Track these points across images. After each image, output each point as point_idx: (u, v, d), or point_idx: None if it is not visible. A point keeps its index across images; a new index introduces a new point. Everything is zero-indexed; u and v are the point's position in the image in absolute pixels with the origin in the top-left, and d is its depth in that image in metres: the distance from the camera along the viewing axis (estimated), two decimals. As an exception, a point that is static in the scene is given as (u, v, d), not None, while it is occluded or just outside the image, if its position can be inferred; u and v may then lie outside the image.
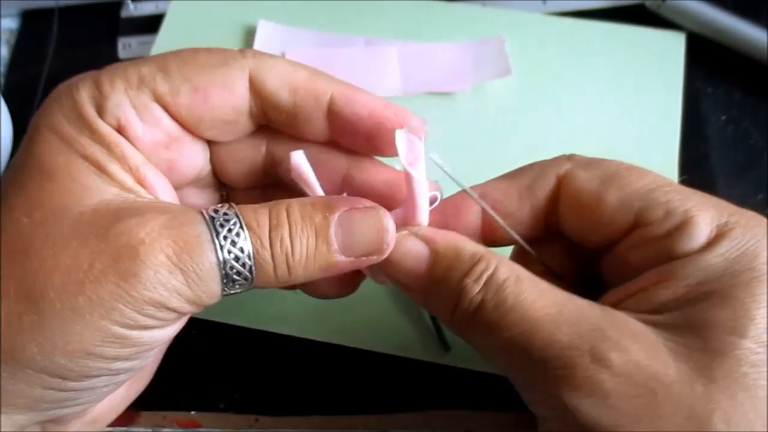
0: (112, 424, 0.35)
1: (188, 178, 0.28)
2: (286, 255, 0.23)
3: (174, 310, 0.22)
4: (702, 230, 0.24)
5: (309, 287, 0.28)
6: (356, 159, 0.28)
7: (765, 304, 0.22)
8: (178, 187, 0.27)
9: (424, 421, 0.36)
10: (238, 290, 0.23)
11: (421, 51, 0.47)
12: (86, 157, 0.23)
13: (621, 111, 0.44)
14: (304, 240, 0.24)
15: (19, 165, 0.24)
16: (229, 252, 0.22)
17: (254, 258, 0.23)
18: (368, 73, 0.46)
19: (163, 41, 0.48)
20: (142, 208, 0.23)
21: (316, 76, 0.27)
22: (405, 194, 0.27)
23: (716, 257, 0.23)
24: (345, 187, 0.28)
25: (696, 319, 0.22)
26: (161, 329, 0.23)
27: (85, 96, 0.24)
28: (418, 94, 0.45)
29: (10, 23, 0.53)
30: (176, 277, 0.22)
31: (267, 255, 0.23)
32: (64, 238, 0.22)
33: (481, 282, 0.24)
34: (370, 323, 0.38)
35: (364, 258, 0.25)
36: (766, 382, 0.21)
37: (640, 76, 0.45)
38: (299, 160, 0.26)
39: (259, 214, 0.23)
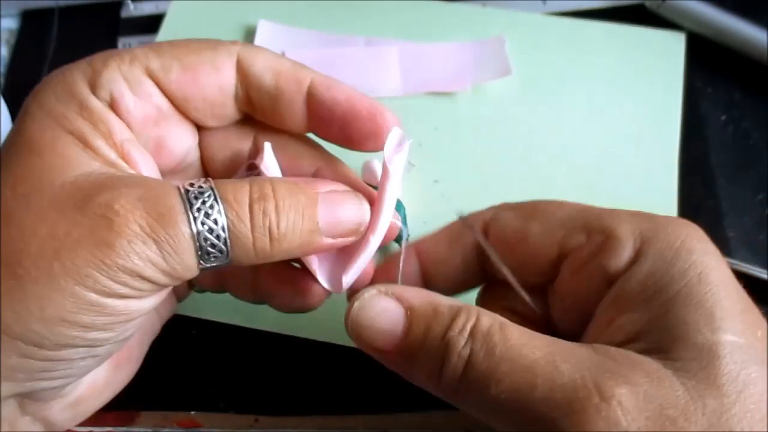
0: (112, 424, 0.35)
1: (177, 158, 0.28)
2: (270, 228, 0.23)
3: (149, 280, 0.23)
4: (626, 242, 0.24)
5: (279, 299, 0.29)
6: (329, 160, 0.29)
7: (724, 295, 0.22)
8: (166, 170, 0.28)
9: (424, 421, 0.36)
10: (215, 263, 0.23)
11: (421, 51, 0.47)
12: (72, 132, 0.24)
13: (621, 111, 0.44)
14: (291, 214, 0.24)
15: (8, 143, 0.24)
16: (203, 224, 0.22)
17: (229, 230, 0.23)
18: (368, 73, 0.46)
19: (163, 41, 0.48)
20: (120, 181, 0.23)
21: (298, 65, 0.27)
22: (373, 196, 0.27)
23: (652, 264, 0.23)
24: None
25: (674, 332, 0.22)
26: (138, 300, 0.23)
27: (77, 75, 0.25)
28: (419, 94, 0.45)
29: (10, 23, 0.53)
30: (150, 248, 0.22)
31: (244, 228, 0.23)
32: (43, 208, 0.22)
33: (466, 333, 0.23)
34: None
35: (340, 239, 0.25)
36: (755, 369, 0.21)
37: (640, 76, 0.45)
38: (267, 151, 0.27)
39: (237, 187, 0.24)
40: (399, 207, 0.37)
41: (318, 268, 0.27)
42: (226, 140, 0.29)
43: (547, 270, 0.26)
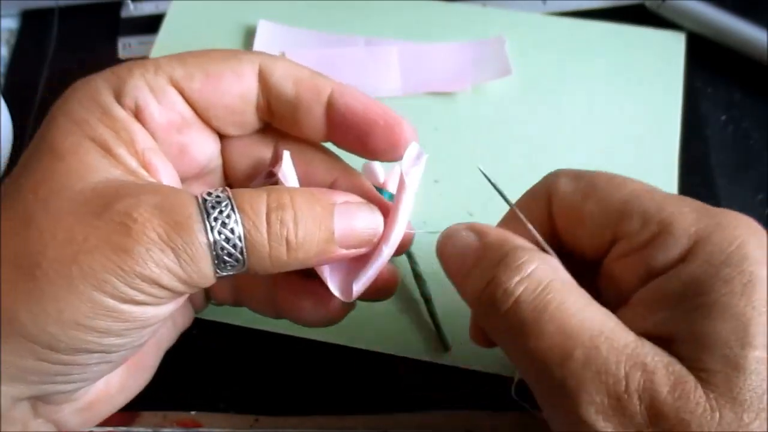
0: (112, 424, 0.35)
1: (199, 165, 0.28)
2: (287, 238, 0.24)
3: (166, 288, 0.23)
4: (679, 238, 0.23)
5: (298, 311, 0.29)
6: (346, 171, 0.29)
7: (764, 308, 0.21)
8: (188, 176, 0.28)
9: (424, 421, 0.36)
10: (231, 272, 0.24)
11: (421, 51, 0.47)
12: (93, 139, 0.24)
13: (621, 111, 0.44)
14: (308, 224, 0.24)
15: (32, 149, 0.25)
16: (220, 233, 0.23)
17: (246, 239, 0.23)
18: (368, 73, 0.46)
19: (163, 41, 0.48)
20: (138, 189, 0.23)
21: (318, 74, 0.28)
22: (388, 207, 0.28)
23: (699, 266, 0.22)
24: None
25: (704, 342, 0.21)
26: (154, 307, 0.23)
27: (101, 83, 0.25)
28: (419, 94, 0.45)
29: (10, 23, 0.53)
30: (167, 256, 0.22)
31: (260, 237, 0.23)
32: (62, 212, 0.22)
33: (518, 275, 0.23)
34: (370, 323, 0.38)
35: (353, 249, 0.26)
36: None
37: (640, 76, 0.45)
38: (286, 160, 0.27)
39: (254, 197, 0.24)
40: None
41: (329, 276, 0.27)
42: (247, 148, 0.29)
43: (601, 250, 0.26)
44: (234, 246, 0.23)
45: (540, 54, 0.46)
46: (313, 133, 0.28)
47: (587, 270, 0.26)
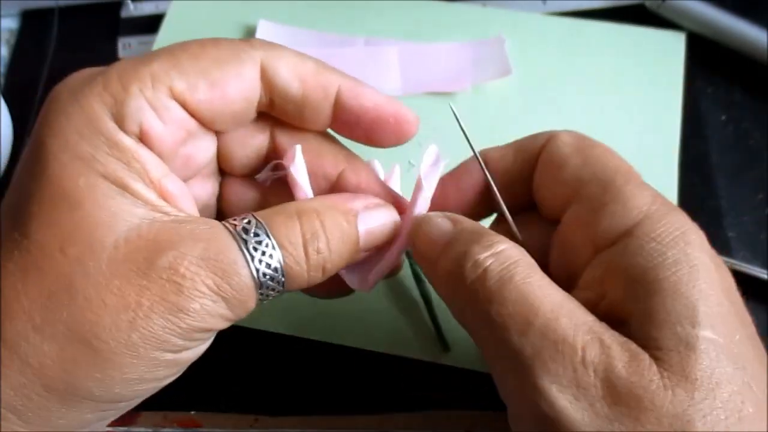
0: (112, 424, 0.35)
1: (199, 169, 0.28)
2: (323, 265, 0.25)
3: (216, 330, 0.24)
4: (630, 210, 0.24)
5: (313, 290, 0.29)
6: (352, 162, 0.29)
7: (711, 293, 0.22)
8: (187, 180, 0.28)
9: (424, 421, 0.36)
10: (271, 299, 0.25)
11: (421, 51, 0.47)
12: (106, 177, 0.23)
13: (621, 111, 0.44)
14: (340, 246, 0.25)
15: (33, 189, 0.23)
16: (264, 274, 0.23)
17: (285, 271, 0.24)
18: (368, 73, 0.46)
19: (163, 41, 0.48)
20: (176, 237, 0.23)
21: (323, 67, 0.28)
22: (404, 204, 0.28)
23: (648, 243, 0.23)
24: (339, 183, 0.29)
25: (657, 316, 0.22)
26: (204, 344, 0.25)
27: (97, 105, 0.23)
28: (418, 94, 0.45)
29: (10, 23, 0.53)
30: (219, 305, 0.23)
31: (300, 269, 0.24)
32: (105, 275, 0.22)
33: (489, 251, 0.24)
34: (370, 323, 0.38)
35: (373, 250, 0.27)
36: (730, 369, 0.21)
37: (640, 76, 0.45)
38: (298, 155, 0.27)
39: (289, 228, 0.24)
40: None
41: (345, 273, 0.29)
42: (243, 138, 0.29)
43: (563, 209, 0.26)
44: (277, 281, 0.24)
45: (540, 54, 0.46)
46: (317, 126, 0.28)
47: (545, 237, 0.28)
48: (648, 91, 0.44)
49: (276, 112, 0.28)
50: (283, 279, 0.24)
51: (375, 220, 0.27)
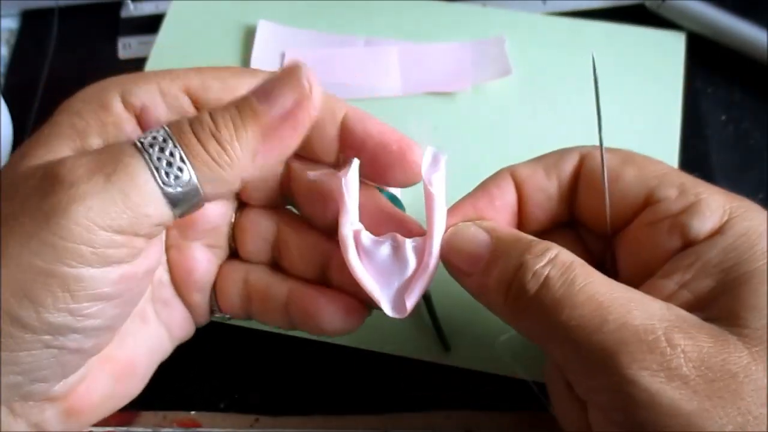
0: (112, 424, 0.35)
1: None
2: (212, 132, 0.23)
3: (124, 232, 0.22)
4: (715, 210, 0.25)
5: (311, 323, 0.28)
6: (367, 190, 0.28)
7: None
8: None
9: (424, 421, 0.36)
10: (185, 202, 0.23)
11: (421, 51, 0.47)
12: (74, 125, 0.24)
13: (621, 111, 0.44)
14: (227, 115, 0.24)
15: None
16: (159, 159, 0.22)
17: (186, 158, 0.23)
18: (368, 73, 0.46)
19: (163, 41, 0.48)
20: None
21: (331, 97, 0.28)
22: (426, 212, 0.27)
23: (737, 239, 0.24)
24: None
25: (747, 302, 0.23)
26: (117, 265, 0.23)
27: (111, 83, 0.26)
28: (418, 94, 0.45)
29: (10, 23, 0.53)
30: (113, 196, 0.22)
31: (198, 148, 0.23)
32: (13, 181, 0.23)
33: (545, 259, 0.24)
34: (371, 323, 0.37)
35: (290, 106, 0.24)
36: None
37: (640, 76, 0.45)
38: (354, 167, 0.27)
39: (182, 122, 0.24)
40: (398, 205, 0.37)
41: (380, 295, 0.27)
42: None
43: (629, 214, 0.27)
44: (179, 169, 0.23)
45: (540, 54, 0.46)
46: (324, 154, 0.28)
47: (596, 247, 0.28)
48: (648, 91, 0.44)
49: None
50: (188, 169, 0.23)
51: (275, 79, 0.24)
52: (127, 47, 0.50)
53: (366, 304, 0.29)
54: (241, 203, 0.31)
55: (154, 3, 0.51)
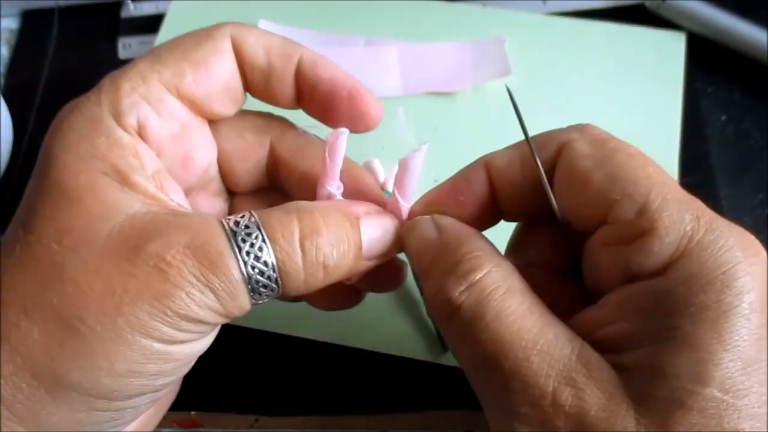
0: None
1: (201, 170, 0.28)
2: (324, 263, 0.24)
3: (208, 323, 0.23)
4: (666, 246, 0.21)
5: (311, 300, 0.29)
6: (349, 168, 0.28)
7: (733, 343, 0.20)
8: (191, 186, 0.28)
9: (423, 421, 0.36)
10: (266, 300, 0.24)
11: (421, 51, 0.47)
12: (106, 172, 0.23)
13: (621, 111, 0.44)
14: (342, 245, 0.24)
15: (37, 190, 0.23)
16: (253, 267, 0.23)
17: (280, 270, 0.23)
18: (368, 73, 0.46)
19: (163, 41, 0.48)
20: (166, 225, 0.23)
21: (289, 42, 0.28)
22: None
23: (675, 286, 0.21)
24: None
25: (659, 363, 0.20)
26: (198, 341, 0.24)
27: (95, 108, 0.24)
28: (419, 94, 0.45)
29: (10, 23, 0.53)
30: (207, 295, 0.22)
31: (295, 266, 0.23)
32: (95, 262, 0.22)
33: (465, 283, 0.23)
34: (370, 323, 0.38)
35: (374, 261, 0.26)
36: (729, 428, 0.19)
37: (640, 76, 0.45)
38: (344, 138, 0.27)
39: (284, 225, 0.23)
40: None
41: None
42: (243, 151, 0.29)
43: (591, 225, 0.24)
44: (268, 277, 0.23)
45: (540, 54, 0.46)
46: (284, 100, 0.28)
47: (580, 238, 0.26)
48: (648, 91, 0.44)
49: (251, 89, 0.28)
50: (275, 275, 0.23)
51: (377, 227, 0.26)
52: (127, 47, 0.50)
53: (358, 290, 0.29)
54: (231, 192, 0.31)
55: (154, 3, 0.51)
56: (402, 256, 0.28)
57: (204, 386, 0.37)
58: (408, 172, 0.26)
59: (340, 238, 0.24)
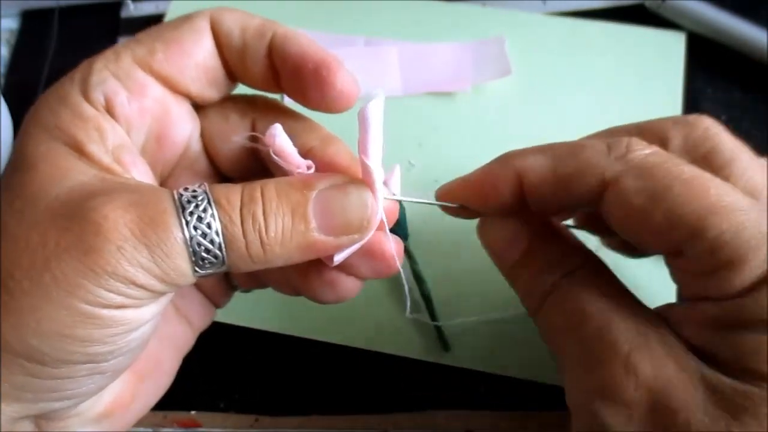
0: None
1: (180, 147, 0.27)
2: (260, 232, 0.23)
3: (143, 287, 0.22)
4: (746, 278, 0.21)
5: (309, 291, 0.28)
6: (324, 140, 0.27)
7: None
8: (173, 165, 0.27)
9: (424, 421, 0.36)
10: (211, 270, 0.23)
11: (421, 51, 0.47)
12: (66, 142, 0.24)
13: (621, 111, 0.44)
14: (279, 218, 0.23)
15: (9, 164, 0.24)
16: (196, 228, 0.22)
17: (223, 235, 0.22)
18: (368, 73, 0.46)
19: (163, 41, 0.48)
20: (113, 187, 0.23)
21: (267, 21, 0.27)
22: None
23: (759, 305, 0.21)
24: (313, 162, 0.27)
25: (738, 355, 0.21)
26: (135, 309, 0.22)
27: (68, 84, 0.25)
28: (418, 94, 0.45)
29: (10, 23, 0.53)
30: (141, 253, 0.21)
31: (237, 231, 0.22)
32: (36, 220, 0.22)
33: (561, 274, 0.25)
34: (371, 323, 0.38)
35: (345, 238, 0.24)
36: None
37: (639, 76, 0.45)
38: (278, 131, 0.25)
39: (230, 191, 0.23)
40: (401, 208, 0.37)
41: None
42: (224, 131, 0.28)
43: (663, 251, 0.24)
44: (212, 242, 0.22)
45: (540, 54, 0.46)
46: (259, 81, 0.27)
47: None
48: (648, 91, 0.44)
49: (233, 72, 0.27)
50: (219, 240, 0.22)
51: (336, 201, 0.24)
52: (127, 47, 0.50)
53: (353, 277, 0.28)
54: (226, 178, 0.30)
55: (154, 3, 0.51)
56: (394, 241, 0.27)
57: (204, 386, 0.37)
58: (365, 124, 0.24)
59: (277, 208, 0.23)
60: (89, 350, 0.22)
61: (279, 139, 0.25)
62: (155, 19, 0.50)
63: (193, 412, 0.37)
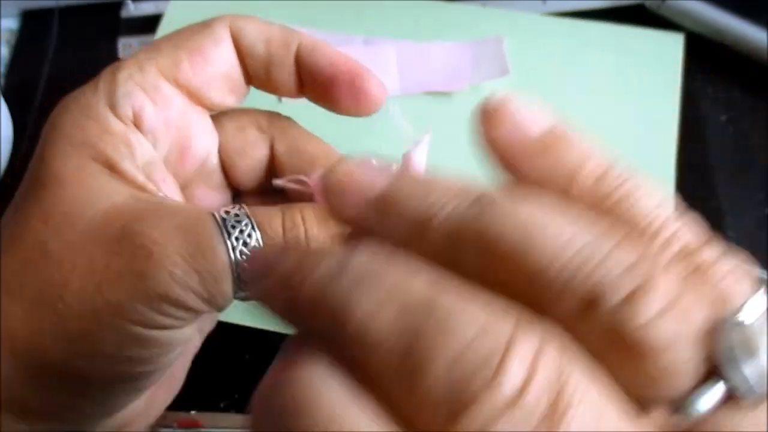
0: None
1: (200, 160, 0.28)
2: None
3: (192, 309, 0.22)
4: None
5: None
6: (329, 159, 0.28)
7: None
8: (190, 177, 0.28)
9: (423, 421, 0.36)
10: (248, 291, 0.23)
11: (419, 50, 0.47)
12: (96, 159, 0.23)
13: (619, 111, 0.44)
14: (319, 243, 0.24)
15: (31, 176, 0.24)
16: (241, 253, 0.22)
17: None
18: (368, 73, 0.46)
19: (163, 41, 0.48)
20: (153, 207, 0.23)
21: (288, 30, 0.28)
22: None
23: None
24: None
25: None
26: (180, 329, 0.23)
27: (91, 96, 0.24)
28: (416, 93, 0.45)
29: (10, 23, 0.53)
30: (191, 278, 0.22)
31: None
32: (78, 242, 0.22)
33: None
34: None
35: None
36: None
37: (638, 76, 0.45)
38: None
39: (272, 216, 0.24)
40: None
41: None
42: (243, 147, 0.28)
43: None
44: None
45: (539, 54, 0.46)
46: (286, 89, 0.28)
47: None
48: (646, 91, 0.44)
49: (252, 80, 0.28)
50: None
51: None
52: (127, 47, 0.50)
53: None
54: (236, 192, 0.30)
55: (154, 3, 0.51)
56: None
57: (204, 386, 0.37)
58: (412, 168, 0.26)
59: (321, 234, 0.24)
60: (136, 370, 0.23)
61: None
62: (155, 19, 0.50)
63: (193, 412, 0.37)
